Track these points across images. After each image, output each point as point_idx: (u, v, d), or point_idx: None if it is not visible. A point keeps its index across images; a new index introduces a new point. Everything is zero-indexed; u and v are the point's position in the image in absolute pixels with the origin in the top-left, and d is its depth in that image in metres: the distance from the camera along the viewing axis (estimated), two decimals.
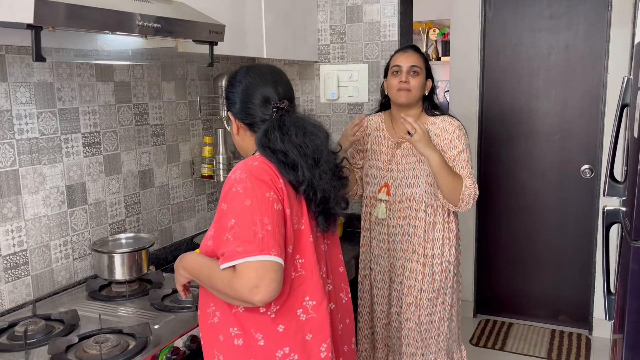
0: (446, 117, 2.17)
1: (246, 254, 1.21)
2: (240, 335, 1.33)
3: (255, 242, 1.22)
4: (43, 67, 1.77)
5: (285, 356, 1.32)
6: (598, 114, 3.42)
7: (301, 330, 1.35)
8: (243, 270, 1.21)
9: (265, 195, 1.27)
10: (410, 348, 2.20)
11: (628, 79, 2.02)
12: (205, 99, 2.47)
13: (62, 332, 1.54)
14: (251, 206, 1.25)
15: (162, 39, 1.80)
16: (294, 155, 1.33)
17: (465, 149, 2.12)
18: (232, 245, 1.23)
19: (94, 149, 1.97)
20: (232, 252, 1.22)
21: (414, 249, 2.17)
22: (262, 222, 1.24)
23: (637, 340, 1.77)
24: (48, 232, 1.82)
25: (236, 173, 1.31)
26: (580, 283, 3.62)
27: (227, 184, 1.32)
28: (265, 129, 1.37)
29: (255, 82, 1.43)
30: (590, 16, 3.38)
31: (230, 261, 1.22)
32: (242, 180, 1.29)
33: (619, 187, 2.04)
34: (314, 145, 1.37)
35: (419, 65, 2.15)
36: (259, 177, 1.29)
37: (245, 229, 1.23)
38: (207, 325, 1.39)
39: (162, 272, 2.02)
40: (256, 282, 1.20)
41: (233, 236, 1.23)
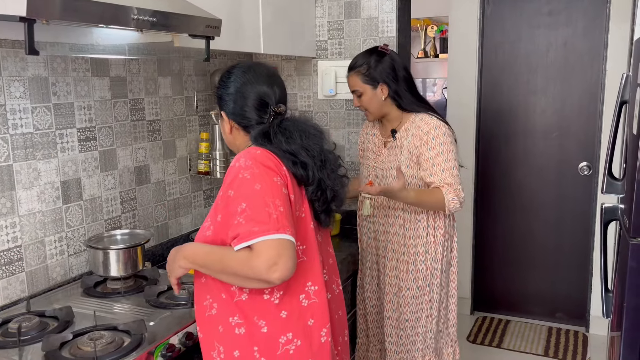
0: (423, 116, 2.12)
1: (263, 232, 1.22)
2: (242, 324, 1.34)
3: (270, 222, 1.23)
4: (37, 61, 1.75)
5: (288, 342, 1.34)
6: (596, 111, 3.42)
7: (303, 316, 1.36)
8: (262, 248, 1.21)
9: (273, 179, 1.29)
10: (393, 345, 2.20)
11: (627, 75, 2.01)
12: (202, 95, 2.45)
13: (57, 329, 1.52)
14: (262, 190, 1.26)
15: (158, 34, 1.78)
16: (304, 157, 1.36)
17: (446, 149, 2.04)
18: (247, 226, 1.23)
19: (90, 144, 1.95)
20: (248, 232, 1.23)
21: (393, 247, 2.17)
22: (274, 204, 1.26)
23: (635, 337, 1.77)
24: (43, 228, 1.80)
25: (240, 161, 1.32)
26: (577, 280, 3.62)
27: (231, 172, 1.32)
28: (262, 131, 1.38)
29: (251, 84, 1.42)
30: (589, 13, 3.37)
31: (246, 241, 1.22)
32: (248, 167, 1.30)
33: (617, 185, 2.03)
34: (319, 147, 1.40)
35: (356, 88, 2.14)
36: (264, 163, 1.31)
37: (259, 210, 1.24)
38: (205, 318, 1.39)
39: (157, 268, 2.00)
40: (275, 259, 1.21)
41: (245, 219, 1.24)
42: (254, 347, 1.33)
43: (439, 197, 2.02)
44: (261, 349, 1.33)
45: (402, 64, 2.18)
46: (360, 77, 2.13)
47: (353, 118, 2.72)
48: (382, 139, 2.24)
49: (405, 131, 2.14)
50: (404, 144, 2.12)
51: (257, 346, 1.33)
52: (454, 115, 3.69)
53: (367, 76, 2.12)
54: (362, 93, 2.13)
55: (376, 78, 2.12)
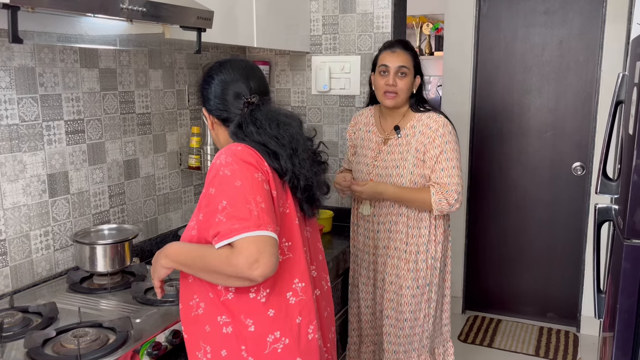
0: (431, 114, 2.11)
1: (244, 229, 1.20)
2: (230, 323, 1.32)
3: (251, 218, 1.21)
4: (24, 51, 1.71)
5: (276, 340, 1.32)
6: (591, 111, 3.41)
7: (291, 314, 1.35)
8: (242, 245, 1.19)
9: (254, 175, 1.28)
10: (391, 345, 2.18)
11: (623, 75, 1.99)
12: (194, 88, 2.42)
13: (40, 326, 1.49)
14: (242, 186, 1.25)
15: (149, 25, 1.74)
16: (274, 146, 1.34)
17: (449, 148, 2.04)
18: (227, 224, 1.21)
19: (78, 137, 1.91)
20: (228, 230, 1.21)
21: (395, 246, 2.15)
22: (255, 200, 1.24)
23: (627, 339, 1.76)
24: (28, 221, 1.76)
25: (221, 158, 1.30)
26: (569, 281, 3.62)
27: (212, 169, 1.30)
28: (237, 123, 1.38)
29: (227, 78, 1.43)
30: (584, 12, 3.36)
31: (227, 238, 1.20)
32: (228, 163, 1.28)
33: (611, 185, 2.02)
34: (289, 134, 1.38)
35: (407, 66, 2.08)
36: (244, 159, 1.29)
37: (239, 207, 1.22)
38: (191, 317, 1.36)
39: (145, 264, 1.97)
40: (256, 256, 1.19)
41: (226, 216, 1.22)
42: (241, 346, 1.31)
43: (424, 196, 2.01)
44: (249, 348, 1.31)
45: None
46: (412, 59, 2.12)
47: (347, 114, 2.70)
48: (381, 136, 2.19)
49: (411, 129, 2.11)
50: (411, 142, 2.09)
51: (245, 345, 1.31)
52: (449, 114, 3.63)
53: (415, 62, 2.13)
54: (407, 74, 2.09)
55: (419, 67, 2.14)
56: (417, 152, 2.07)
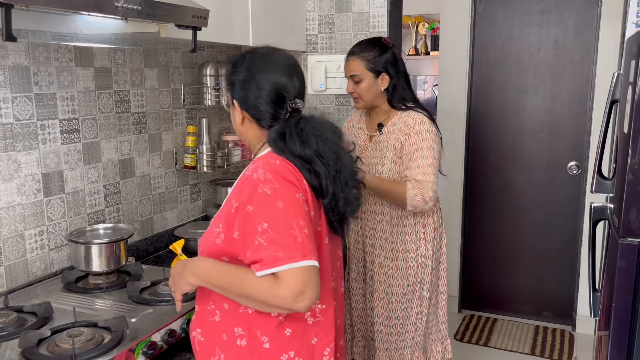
0: (411, 112, 2.10)
1: (289, 259, 1.13)
2: (245, 336, 1.27)
3: (296, 246, 1.14)
4: (18, 49, 1.70)
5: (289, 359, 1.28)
6: (586, 110, 3.42)
7: (308, 335, 1.30)
8: (288, 277, 1.13)
9: (295, 196, 1.19)
10: (383, 343, 2.19)
11: (618, 74, 2.00)
12: (189, 88, 2.41)
13: (34, 325, 1.48)
14: (284, 209, 1.16)
15: (144, 23, 1.74)
16: (318, 166, 1.25)
17: (426, 146, 2.02)
18: (270, 250, 1.14)
19: (72, 136, 1.90)
20: (271, 258, 1.13)
21: (381, 245, 2.15)
22: (299, 226, 1.16)
23: (622, 337, 1.76)
24: (22, 221, 1.75)
25: (258, 172, 1.21)
26: (564, 279, 3.63)
27: (248, 183, 1.21)
28: (280, 132, 1.27)
29: (267, 73, 1.29)
30: (580, 12, 3.36)
31: (271, 267, 1.13)
32: (268, 180, 1.19)
33: (606, 184, 2.03)
34: (335, 153, 1.28)
35: (356, 73, 2.09)
36: (285, 177, 1.21)
37: (283, 233, 1.14)
38: (208, 322, 1.33)
39: (141, 264, 1.96)
40: (302, 288, 1.13)
41: (267, 240, 1.14)
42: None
43: (401, 190, 2.01)
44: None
45: (401, 59, 2.17)
46: (364, 62, 2.09)
47: (343, 113, 2.70)
48: (367, 132, 2.21)
49: (392, 126, 2.12)
50: (390, 139, 2.10)
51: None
52: (444, 113, 3.68)
53: (372, 63, 2.09)
54: (361, 79, 2.09)
55: (380, 67, 2.10)
56: (395, 149, 2.08)
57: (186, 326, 1.56)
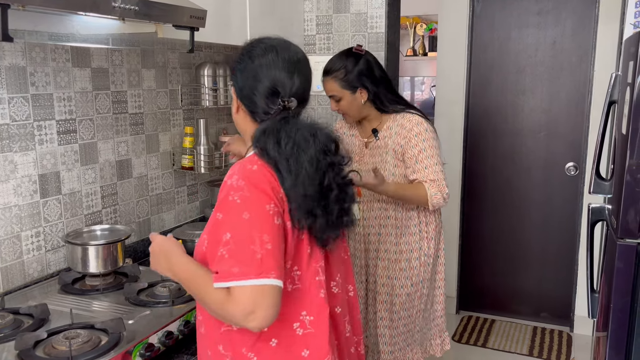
0: (405, 114, 2.10)
1: (242, 276, 1.09)
2: (228, 356, 1.22)
3: (253, 263, 1.09)
4: (15, 50, 1.69)
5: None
6: (584, 111, 3.42)
7: (296, 345, 1.23)
8: (238, 295, 1.09)
9: (265, 208, 1.13)
10: (387, 346, 2.18)
11: (616, 75, 2.00)
12: (187, 88, 2.40)
13: (31, 327, 1.47)
14: (249, 220, 1.12)
15: (141, 24, 1.73)
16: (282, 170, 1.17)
17: (428, 146, 2.02)
18: (228, 264, 1.10)
19: (69, 137, 1.89)
20: (227, 273, 1.10)
21: (385, 248, 2.15)
22: (261, 240, 1.11)
23: (621, 338, 1.76)
24: (19, 222, 1.74)
25: (233, 178, 1.16)
26: (562, 280, 3.63)
27: (223, 189, 1.17)
28: (263, 128, 1.20)
29: (267, 67, 1.23)
30: (577, 12, 3.37)
31: (224, 282, 1.10)
32: (239, 187, 1.14)
33: (604, 185, 2.03)
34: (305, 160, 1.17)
35: (333, 93, 2.09)
36: (258, 185, 1.14)
37: (243, 246, 1.10)
38: (198, 334, 1.31)
39: (138, 265, 1.95)
40: (252, 308, 1.08)
41: (228, 253, 1.11)
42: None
43: (421, 192, 2.01)
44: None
45: (377, 63, 2.12)
46: (338, 82, 2.06)
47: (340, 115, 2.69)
48: (362, 139, 2.20)
49: (387, 130, 2.11)
50: (388, 144, 2.09)
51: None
52: (443, 114, 3.68)
53: (345, 81, 2.06)
54: (340, 98, 2.08)
55: (354, 82, 2.05)
56: (395, 153, 2.08)
57: (184, 328, 1.55)
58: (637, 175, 1.68)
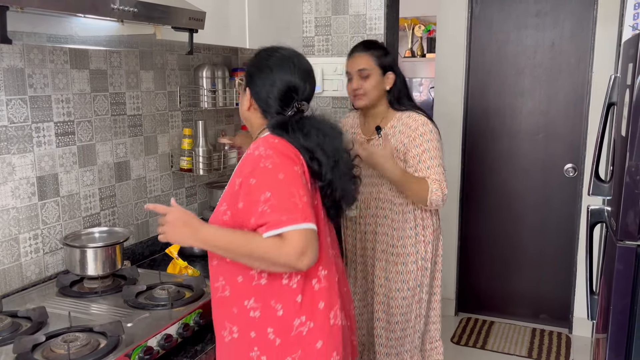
0: (411, 113, 2.10)
1: (292, 221, 1.26)
2: (257, 308, 1.37)
3: (297, 211, 1.27)
4: (13, 52, 1.68)
5: (301, 324, 1.38)
6: (582, 113, 3.42)
7: (315, 299, 1.40)
8: (292, 237, 1.26)
9: (294, 169, 1.33)
10: (383, 347, 2.17)
11: (615, 77, 2.00)
12: (185, 90, 2.40)
13: (29, 330, 1.46)
14: (285, 179, 1.30)
15: (140, 25, 1.73)
16: (319, 156, 1.38)
17: (432, 146, 2.03)
18: (274, 215, 1.26)
19: (68, 138, 1.89)
20: (277, 221, 1.26)
21: (382, 248, 2.14)
22: (298, 194, 1.30)
23: (621, 340, 1.76)
24: (17, 224, 1.74)
25: (259, 149, 1.34)
26: (561, 282, 3.63)
27: (250, 160, 1.34)
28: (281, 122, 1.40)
29: (285, 74, 1.43)
30: (576, 14, 3.37)
31: (276, 229, 1.26)
32: (269, 156, 1.32)
33: (603, 187, 2.03)
34: (334, 147, 1.42)
35: (366, 67, 2.08)
36: (284, 152, 1.33)
37: (285, 200, 1.28)
38: (217, 298, 1.44)
39: (137, 267, 1.94)
40: (304, 248, 1.26)
41: (271, 207, 1.27)
42: (268, 328, 1.37)
43: (424, 185, 2.00)
44: (276, 330, 1.37)
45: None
46: (374, 59, 2.09)
47: (340, 116, 2.69)
48: (364, 137, 2.19)
49: (391, 128, 2.11)
50: (391, 142, 2.09)
51: (272, 327, 1.37)
52: (441, 115, 3.68)
53: (381, 60, 2.10)
54: (369, 75, 2.08)
55: (388, 65, 2.11)
56: (398, 152, 2.07)
57: (183, 331, 1.55)
58: (637, 177, 1.68)
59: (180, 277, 1.87)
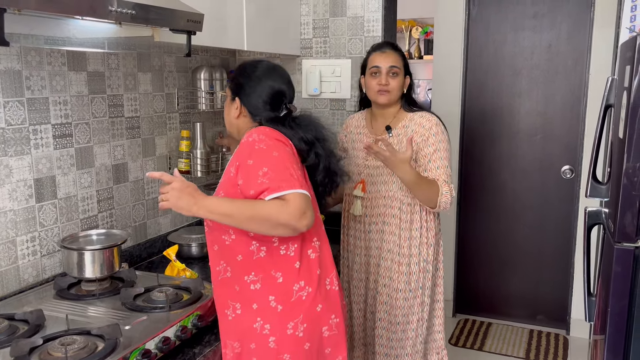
0: (424, 113, 2.12)
1: (291, 187, 1.39)
2: (257, 280, 1.49)
3: (293, 179, 1.40)
4: (10, 54, 1.68)
5: (301, 289, 1.50)
6: (579, 114, 3.43)
7: (312, 267, 1.54)
8: (294, 198, 1.38)
9: (286, 149, 1.47)
10: (383, 348, 2.17)
11: (612, 79, 2.00)
12: (183, 92, 2.40)
13: (26, 333, 1.45)
14: (279, 156, 1.43)
15: (138, 27, 1.72)
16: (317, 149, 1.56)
17: (443, 147, 2.05)
18: (274, 182, 1.38)
19: (65, 141, 1.88)
20: (277, 187, 1.38)
21: (388, 247, 2.13)
22: (292, 167, 1.43)
23: (618, 341, 1.76)
24: (14, 227, 1.73)
25: (253, 136, 1.47)
26: (558, 283, 3.64)
27: (246, 146, 1.46)
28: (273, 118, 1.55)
29: (274, 81, 1.59)
30: (573, 16, 3.38)
31: (277, 192, 1.37)
32: (262, 139, 1.45)
33: (601, 188, 2.03)
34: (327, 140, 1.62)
35: (397, 66, 2.10)
36: (275, 137, 1.48)
37: (282, 171, 1.40)
38: (219, 281, 1.54)
39: (135, 270, 1.94)
40: (304, 209, 1.38)
41: (269, 179, 1.39)
42: (269, 297, 1.48)
43: (435, 187, 2.00)
44: (277, 298, 1.48)
45: None
46: (402, 59, 2.15)
47: (337, 118, 2.69)
48: (372, 136, 2.18)
49: (403, 128, 2.11)
50: (403, 141, 2.08)
51: (273, 295, 1.48)
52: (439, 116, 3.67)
53: (404, 62, 2.16)
54: (398, 73, 2.11)
55: (407, 68, 2.17)
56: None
57: (181, 333, 1.54)
58: (634, 179, 1.68)
59: (178, 279, 1.87)
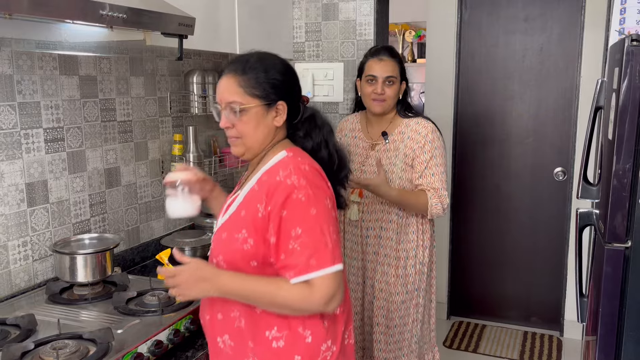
0: (420, 120, 2.12)
1: (321, 266, 1.23)
2: (281, 337, 1.31)
3: (327, 252, 1.24)
4: (2, 58, 1.68)
5: (327, 349, 1.36)
6: (571, 116, 3.45)
7: (337, 324, 1.40)
8: (320, 284, 1.23)
9: (325, 202, 1.29)
10: (382, 352, 2.17)
11: (602, 81, 2.02)
12: (176, 96, 2.40)
13: (18, 338, 1.45)
14: (317, 215, 1.25)
15: (129, 31, 1.73)
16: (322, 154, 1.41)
17: (438, 154, 2.07)
18: (303, 256, 1.23)
19: (57, 145, 1.88)
20: (304, 266, 1.23)
21: (385, 252, 2.14)
22: (329, 231, 1.26)
23: (610, 342, 1.77)
24: (6, 232, 1.73)
25: (292, 178, 1.26)
26: (552, 285, 3.65)
27: (283, 189, 1.25)
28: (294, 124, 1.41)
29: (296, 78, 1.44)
30: (564, 19, 3.40)
31: (305, 275, 1.23)
32: (302, 187, 1.26)
33: (592, 190, 2.05)
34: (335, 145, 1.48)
35: (394, 75, 2.10)
36: (316, 182, 1.29)
37: (315, 239, 1.24)
38: (235, 329, 1.35)
39: (127, 274, 1.94)
40: (333, 292, 1.24)
41: (301, 246, 1.23)
42: (295, 357, 1.32)
43: (423, 200, 2.02)
44: (304, 357, 1.32)
45: None
46: (399, 67, 2.13)
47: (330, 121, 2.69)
48: (368, 141, 2.19)
49: (399, 134, 2.11)
50: (399, 148, 2.09)
51: (300, 355, 1.32)
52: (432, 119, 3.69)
53: (401, 68, 2.14)
54: (394, 82, 2.10)
55: (404, 74, 2.15)
56: (406, 157, 2.08)
57: (173, 337, 1.54)
58: (624, 180, 1.70)
59: None
